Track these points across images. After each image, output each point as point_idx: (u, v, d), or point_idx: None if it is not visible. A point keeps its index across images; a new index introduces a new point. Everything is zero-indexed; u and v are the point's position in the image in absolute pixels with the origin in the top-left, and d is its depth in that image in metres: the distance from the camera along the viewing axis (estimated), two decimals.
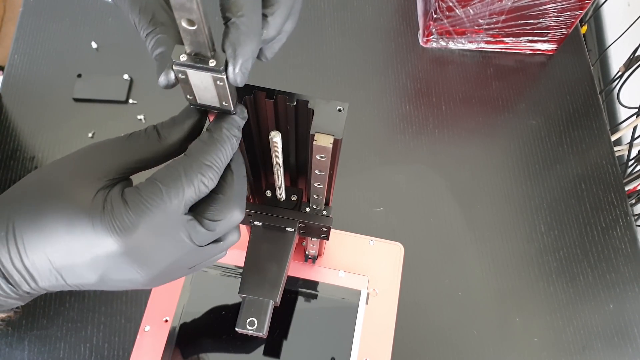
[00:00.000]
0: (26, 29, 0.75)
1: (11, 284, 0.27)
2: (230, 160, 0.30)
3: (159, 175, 0.28)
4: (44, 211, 0.27)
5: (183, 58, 0.25)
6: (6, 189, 0.30)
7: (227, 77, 0.26)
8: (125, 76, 0.71)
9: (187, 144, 0.30)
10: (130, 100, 0.70)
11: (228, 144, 0.29)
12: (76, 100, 0.70)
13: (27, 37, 0.74)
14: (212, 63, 0.25)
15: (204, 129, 0.31)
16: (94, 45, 0.73)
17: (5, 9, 1.42)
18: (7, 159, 0.66)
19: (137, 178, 0.30)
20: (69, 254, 0.27)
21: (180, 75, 0.26)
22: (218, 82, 0.26)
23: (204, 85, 0.27)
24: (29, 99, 0.70)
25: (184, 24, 0.23)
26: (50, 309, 0.58)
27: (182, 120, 0.30)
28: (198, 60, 0.25)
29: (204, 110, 0.30)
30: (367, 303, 0.57)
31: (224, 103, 0.29)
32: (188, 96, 0.29)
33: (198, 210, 0.29)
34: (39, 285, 0.28)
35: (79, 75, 0.71)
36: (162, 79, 0.26)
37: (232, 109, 0.29)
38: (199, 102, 0.29)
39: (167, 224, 0.28)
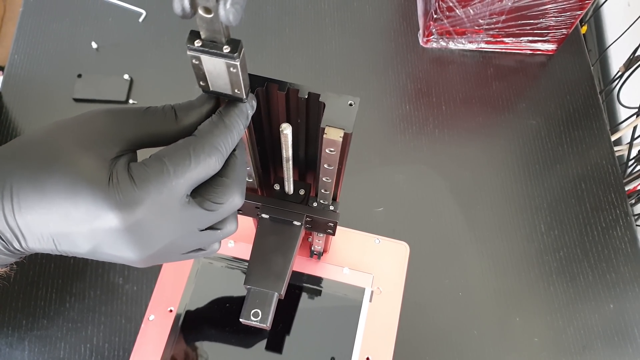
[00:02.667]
0: (26, 29, 0.75)
1: (3, 240, 0.27)
2: (235, 145, 0.30)
3: (167, 153, 0.28)
4: (46, 174, 0.26)
5: (198, 44, 0.26)
6: None
7: (218, 16, 0.23)
8: (125, 76, 0.71)
9: (198, 125, 0.30)
10: (130, 101, 0.70)
11: (237, 130, 0.30)
12: (76, 100, 0.70)
13: (27, 37, 0.74)
14: (226, 49, 0.26)
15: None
16: (94, 45, 0.73)
17: (5, 9, 1.42)
18: None
19: (140, 153, 0.30)
20: (66, 221, 0.26)
21: (194, 60, 0.27)
22: (231, 69, 0.27)
23: (217, 72, 0.27)
24: (29, 99, 0.70)
25: (200, 11, 0.23)
26: (50, 309, 0.58)
27: (201, 104, 0.30)
28: (212, 46, 0.26)
29: (218, 97, 0.30)
30: (370, 301, 0.57)
31: (236, 91, 0.29)
32: (201, 82, 0.29)
33: (200, 191, 0.29)
34: (29, 246, 0.27)
35: (79, 75, 0.71)
36: (177, 4, 0.23)
37: (244, 97, 0.29)
38: (211, 89, 0.29)
39: (171, 203, 0.27)
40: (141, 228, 0.27)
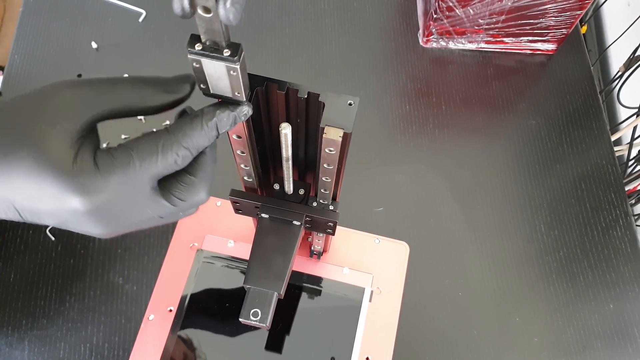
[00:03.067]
0: (26, 29, 0.75)
1: None
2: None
3: (135, 145, 0.28)
4: (11, 153, 0.26)
5: (198, 47, 0.26)
6: None
7: (218, 15, 0.23)
8: (125, 76, 0.71)
9: (166, 109, 0.30)
10: None
11: (213, 134, 0.30)
12: None
13: (27, 37, 0.74)
14: (226, 52, 0.26)
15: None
16: (94, 45, 0.73)
17: (5, 9, 1.42)
18: None
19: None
20: (32, 200, 0.27)
21: (194, 64, 0.27)
22: (232, 72, 0.27)
23: (218, 75, 0.28)
24: None
25: (199, 11, 0.23)
26: (50, 309, 0.58)
27: (172, 90, 0.30)
28: (213, 49, 0.26)
29: (192, 86, 0.30)
30: (370, 301, 0.57)
31: (236, 93, 0.29)
32: (201, 85, 0.29)
33: (166, 184, 0.30)
34: None
35: (79, 75, 0.71)
36: (176, 4, 0.23)
37: (244, 99, 0.30)
38: (212, 91, 0.29)
39: (134, 193, 0.28)
40: (104, 211, 0.28)
